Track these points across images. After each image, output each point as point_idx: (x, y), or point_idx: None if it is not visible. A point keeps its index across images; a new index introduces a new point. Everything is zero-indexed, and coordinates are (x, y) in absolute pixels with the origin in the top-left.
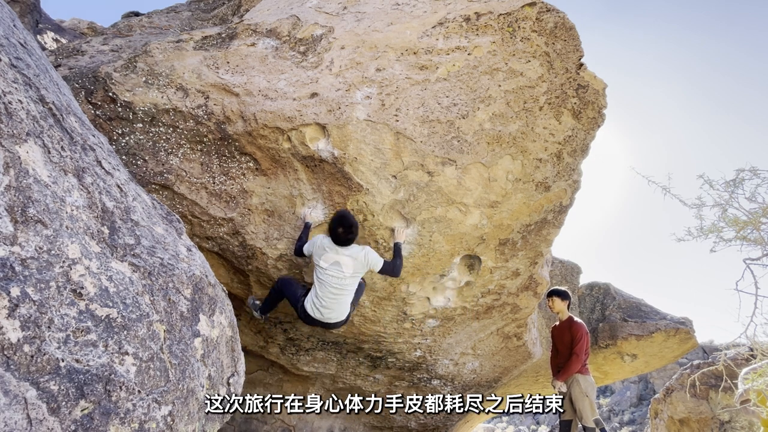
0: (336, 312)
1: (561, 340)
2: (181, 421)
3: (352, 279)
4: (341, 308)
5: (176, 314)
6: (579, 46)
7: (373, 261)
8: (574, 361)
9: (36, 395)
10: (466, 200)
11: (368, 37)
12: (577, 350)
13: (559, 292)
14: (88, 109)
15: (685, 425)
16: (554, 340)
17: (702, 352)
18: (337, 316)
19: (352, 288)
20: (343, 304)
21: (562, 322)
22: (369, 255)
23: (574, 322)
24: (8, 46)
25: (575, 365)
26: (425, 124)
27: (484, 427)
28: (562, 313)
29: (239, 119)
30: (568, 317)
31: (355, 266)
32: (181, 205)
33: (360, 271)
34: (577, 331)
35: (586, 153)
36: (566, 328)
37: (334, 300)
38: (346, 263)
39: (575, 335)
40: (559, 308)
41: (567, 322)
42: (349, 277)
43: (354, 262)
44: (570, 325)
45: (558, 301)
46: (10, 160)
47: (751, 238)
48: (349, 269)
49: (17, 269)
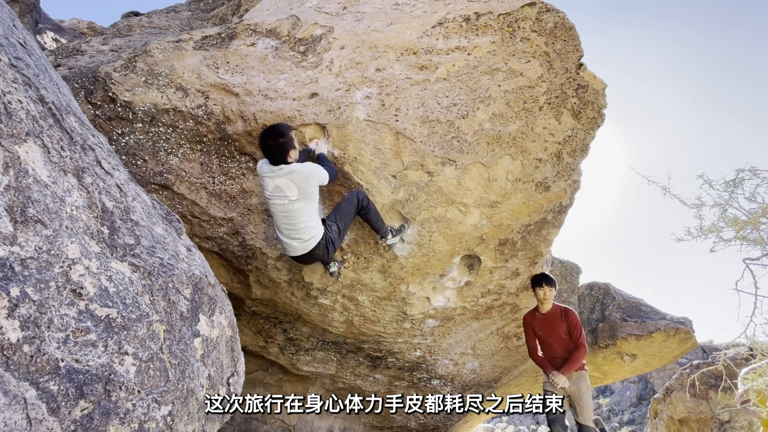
0: (296, 242)
1: (552, 330)
2: (180, 421)
3: (301, 201)
4: (300, 236)
5: (176, 314)
6: (579, 46)
7: (320, 175)
8: (581, 352)
9: (36, 395)
10: (466, 200)
11: (368, 37)
12: (582, 340)
13: (551, 280)
14: (87, 109)
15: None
16: (539, 330)
17: (702, 352)
18: (299, 247)
19: (306, 209)
20: (299, 231)
21: (550, 311)
22: (314, 171)
23: (569, 311)
24: (8, 46)
25: (582, 357)
26: (425, 124)
27: (484, 427)
28: (548, 302)
29: (239, 119)
30: (557, 306)
31: (299, 186)
32: (180, 205)
33: (307, 192)
34: (575, 319)
35: (585, 153)
36: (559, 317)
37: (291, 230)
38: (287, 185)
39: (574, 324)
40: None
41: (558, 310)
42: (296, 200)
43: (297, 182)
44: (565, 313)
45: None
46: (9, 160)
47: (750, 238)
48: (293, 190)
49: (17, 269)
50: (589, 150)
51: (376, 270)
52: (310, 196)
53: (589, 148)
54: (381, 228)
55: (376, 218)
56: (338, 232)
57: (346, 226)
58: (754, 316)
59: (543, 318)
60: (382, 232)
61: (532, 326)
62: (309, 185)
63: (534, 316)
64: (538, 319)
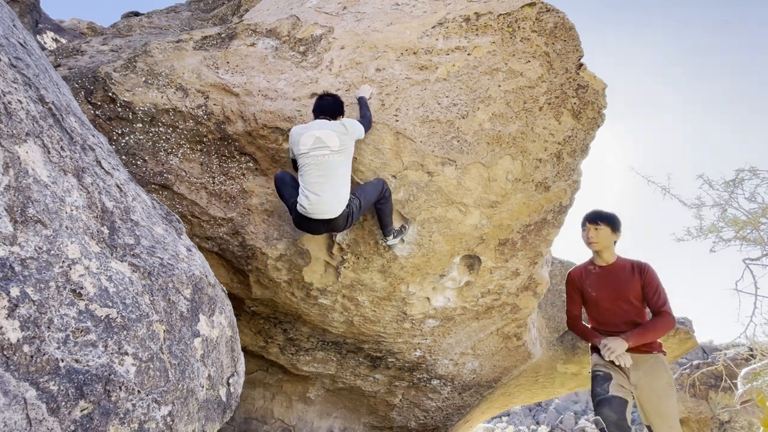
0: (326, 199)
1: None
2: (180, 421)
3: (340, 155)
4: (332, 195)
5: (176, 314)
6: (579, 46)
7: (358, 127)
8: (663, 322)
9: (35, 395)
10: (466, 200)
11: (368, 37)
12: (667, 308)
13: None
14: (87, 109)
15: (684, 425)
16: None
17: (702, 352)
18: (328, 209)
19: (343, 169)
20: (334, 188)
21: (614, 263)
22: (353, 122)
23: (646, 265)
24: (8, 46)
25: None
26: (425, 124)
27: (484, 427)
28: (603, 248)
29: (239, 119)
30: (626, 259)
31: (340, 137)
32: (180, 205)
33: (347, 143)
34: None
35: (585, 153)
36: (629, 272)
37: (324, 183)
38: (328, 136)
39: (651, 283)
40: (601, 240)
41: (628, 264)
42: (336, 152)
43: (338, 133)
44: (639, 269)
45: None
46: (9, 160)
47: (750, 238)
48: (334, 141)
49: (17, 269)
50: (589, 150)
51: (376, 270)
52: (348, 151)
53: (589, 148)
54: (388, 225)
55: (389, 214)
56: (358, 207)
57: (365, 206)
58: (754, 316)
59: (602, 272)
60: (387, 230)
61: (583, 285)
62: (348, 138)
63: (587, 271)
64: (593, 274)
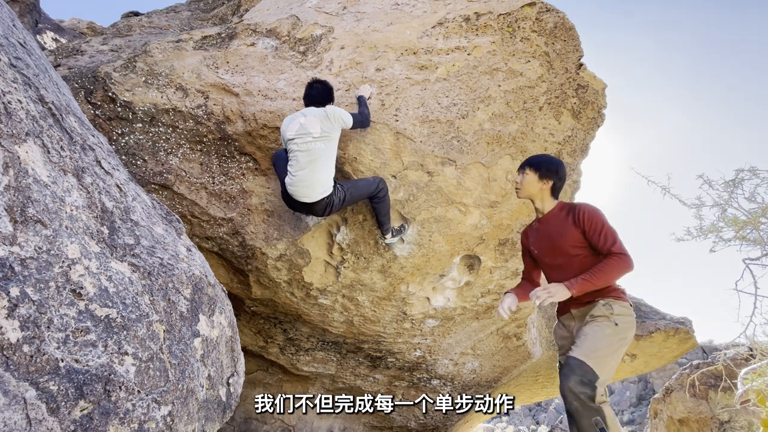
0: (307, 184)
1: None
2: (180, 421)
3: (323, 141)
4: (312, 181)
5: (176, 314)
6: (579, 46)
7: (342, 115)
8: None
9: (35, 395)
10: (466, 200)
11: (368, 37)
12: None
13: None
14: (87, 109)
15: (684, 425)
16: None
17: (701, 352)
18: (309, 193)
19: (326, 154)
20: (316, 173)
21: (549, 212)
22: (336, 110)
23: (580, 206)
24: (8, 46)
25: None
26: (425, 124)
27: (484, 427)
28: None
29: (239, 119)
30: (563, 203)
31: (322, 124)
32: (180, 205)
33: (329, 131)
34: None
35: (585, 153)
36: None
37: (305, 168)
38: (311, 122)
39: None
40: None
41: (560, 208)
42: (319, 138)
43: (320, 120)
44: (569, 211)
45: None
46: (9, 160)
47: (750, 238)
48: (316, 127)
49: (17, 269)
50: (589, 150)
51: (376, 270)
52: (330, 138)
53: (589, 148)
54: (384, 224)
55: (386, 212)
56: (341, 200)
57: (350, 200)
58: (754, 316)
59: (539, 226)
60: (383, 229)
61: (528, 244)
62: (331, 125)
63: (531, 228)
64: (534, 229)
